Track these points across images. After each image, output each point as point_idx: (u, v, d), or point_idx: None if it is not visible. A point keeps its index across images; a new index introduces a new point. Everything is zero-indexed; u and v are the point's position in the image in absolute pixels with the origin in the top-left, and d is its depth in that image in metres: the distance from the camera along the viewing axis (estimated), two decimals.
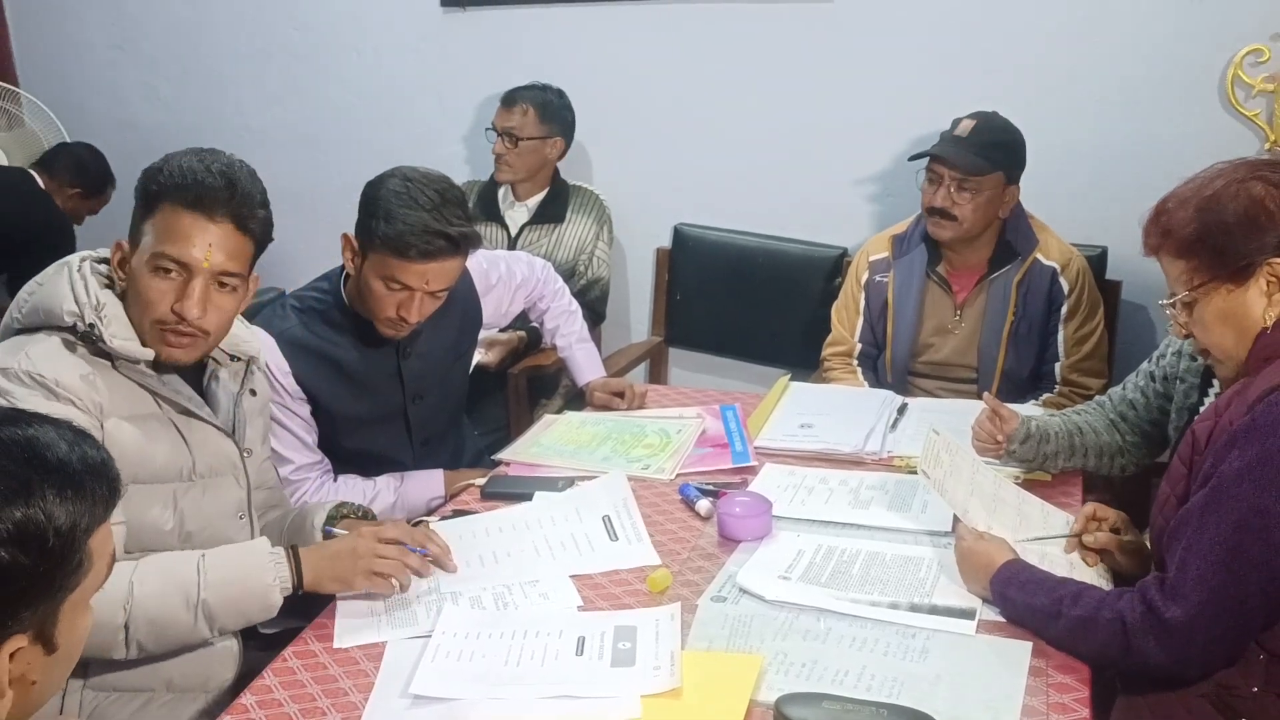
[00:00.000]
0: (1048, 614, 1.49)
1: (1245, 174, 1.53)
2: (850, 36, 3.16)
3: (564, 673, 1.45)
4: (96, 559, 0.97)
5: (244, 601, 1.57)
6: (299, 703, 1.43)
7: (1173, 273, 1.59)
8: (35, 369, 1.53)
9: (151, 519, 1.63)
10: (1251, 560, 1.36)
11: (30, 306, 1.62)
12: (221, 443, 1.71)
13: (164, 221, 1.59)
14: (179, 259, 1.58)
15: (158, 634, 1.54)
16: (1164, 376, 1.95)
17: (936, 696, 1.38)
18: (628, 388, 2.49)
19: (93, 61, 3.97)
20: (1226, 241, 1.51)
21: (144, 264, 1.59)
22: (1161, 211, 1.59)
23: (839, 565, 1.72)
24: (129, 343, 1.59)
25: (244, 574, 1.57)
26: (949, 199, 2.59)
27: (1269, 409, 1.39)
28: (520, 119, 3.20)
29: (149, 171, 1.62)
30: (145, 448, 1.61)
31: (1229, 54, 2.83)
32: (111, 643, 1.52)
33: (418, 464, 2.24)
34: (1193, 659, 1.41)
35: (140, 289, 1.60)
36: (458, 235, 1.96)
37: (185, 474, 1.66)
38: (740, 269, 3.35)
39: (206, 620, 1.55)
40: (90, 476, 0.95)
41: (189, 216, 1.58)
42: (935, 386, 2.73)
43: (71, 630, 0.98)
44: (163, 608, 1.53)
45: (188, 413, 1.66)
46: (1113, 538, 1.70)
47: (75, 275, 1.61)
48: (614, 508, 1.93)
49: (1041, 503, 1.88)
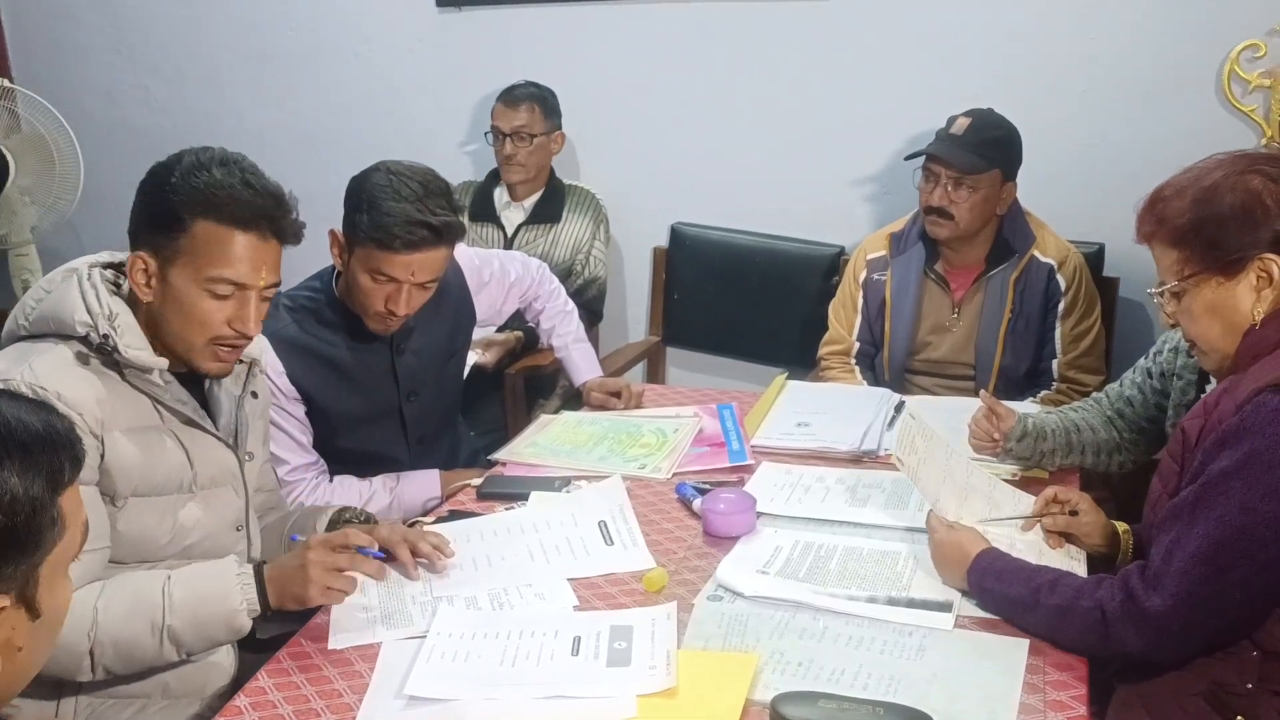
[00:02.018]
0: (1025, 604, 1.50)
1: (1244, 167, 1.52)
2: (846, 34, 3.16)
3: (560, 673, 1.45)
4: (70, 522, 0.99)
5: (210, 626, 1.54)
6: (293, 704, 1.43)
7: (1164, 261, 1.58)
8: (39, 382, 1.51)
9: (149, 531, 1.62)
10: (1236, 556, 1.37)
11: (38, 314, 1.59)
12: (222, 454, 1.70)
13: (210, 241, 1.56)
14: (237, 281, 1.58)
15: (124, 658, 1.52)
16: (1161, 373, 1.94)
17: (933, 695, 1.38)
18: (625, 387, 2.49)
19: (89, 64, 3.96)
20: (1220, 234, 1.50)
21: (190, 283, 1.57)
22: (1157, 199, 1.58)
23: (817, 560, 1.72)
24: (142, 353, 1.58)
25: (211, 598, 1.53)
26: (946, 198, 2.59)
27: (1258, 408, 1.39)
28: (528, 116, 3.20)
29: (169, 184, 1.57)
30: (147, 461, 1.60)
31: (1225, 49, 2.83)
32: (76, 667, 1.50)
33: (413, 462, 2.24)
34: (1168, 648, 1.43)
35: (189, 308, 1.58)
36: (440, 225, 1.96)
37: (185, 486, 1.65)
38: (737, 268, 3.35)
39: (173, 644, 1.52)
40: (53, 438, 0.98)
41: (242, 237, 1.57)
42: (933, 384, 2.73)
43: (52, 597, 1.00)
44: (128, 633, 1.51)
45: (191, 423, 1.65)
46: (1071, 519, 1.71)
47: (85, 284, 1.58)
48: (610, 513, 1.92)
49: (1012, 489, 1.89)
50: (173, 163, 1.60)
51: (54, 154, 3.58)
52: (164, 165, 1.61)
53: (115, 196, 3.82)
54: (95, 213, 3.86)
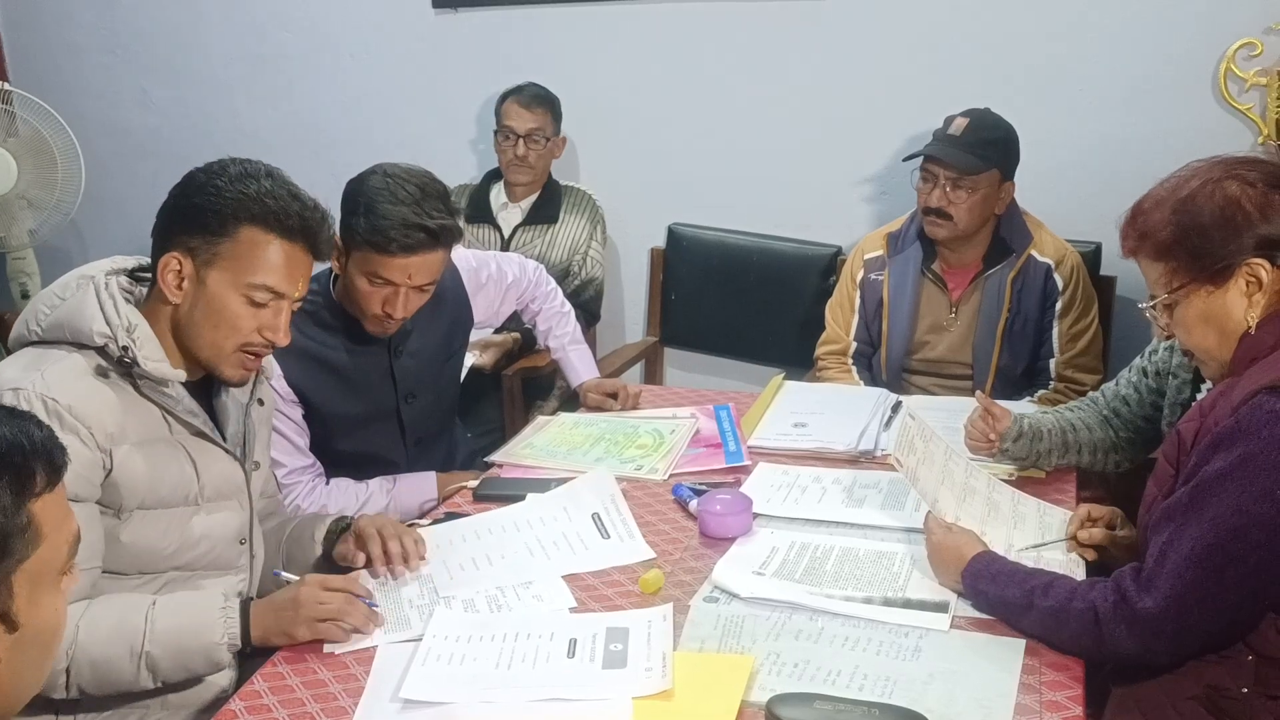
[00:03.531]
0: (1020, 606, 1.50)
1: (1221, 173, 1.50)
2: (842, 35, 3.16)
3: (555, 675, 1.45)
4: (49, 531, 0.97)
5: (189, 656, 1.52)
6: (288, 708, 1.43)
7: (1151, 275, 1.57)
8: (50, 392, 1.50)
9: (153, 543, 1.61)
10: (1229, 558, 1.37)
11: (52, 321, 1.57)
12: (230, 468, 1.69)
13: (255, 246, 1.56)
14: (277, 289, 1.59)
15: (99, 680, 1.51)
16: (1156, 372, 1.94)
17: (929, 696, 1.38)
18: (622, 388, 2.49)
19: (85, 66, 3.96)
20: (1203, 244, 1.49)
21: (229, 287, 1.57)
22: (1138, 213, 1.57)
23: (813, 561, 1.72)
24: (161, 365, 1.57)
25: (192, 629, 1.52)
26: (945, 198, 2.58)
27: (1253, 411, 1.38)
28: (542, 119, 3.20)
29: (214, 187, 1.57)
30: (154, 474, 1.59)
31: (1222, 48, 2.83)
32: (51, 684, 1.48)
33: (411, 464, 2.24)
34: (1161, 650, 1.42)
35: (222, 312, 1.58)
36: (436, 228, 1.96)
37: (191, 499, 1.64)
38: (734, 268, 3.35)
39: (150, 671, 1.51)
40: (22, 444, 0.96)
41: (286, 246, 1.58)
42: (930, 384, 2.73)
43: (34, 609, 0.97)
44: (106, 655, 1.49)
45: (200, 435, 1.65)
46: (1108, 534, 1.70)
47: (104, 294, 1.57)
48: (603, 505, 1.92)
49: (1013, 491, 1.89)
50: (217, 169, 1.60)
51: (55, 156, 3.58)
52: (206, 170, 1.61)
53: (115, 197, 3.87)
54: (95, 214, 3.87)
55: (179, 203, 1.60)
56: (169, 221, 1.60)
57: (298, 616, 1.54)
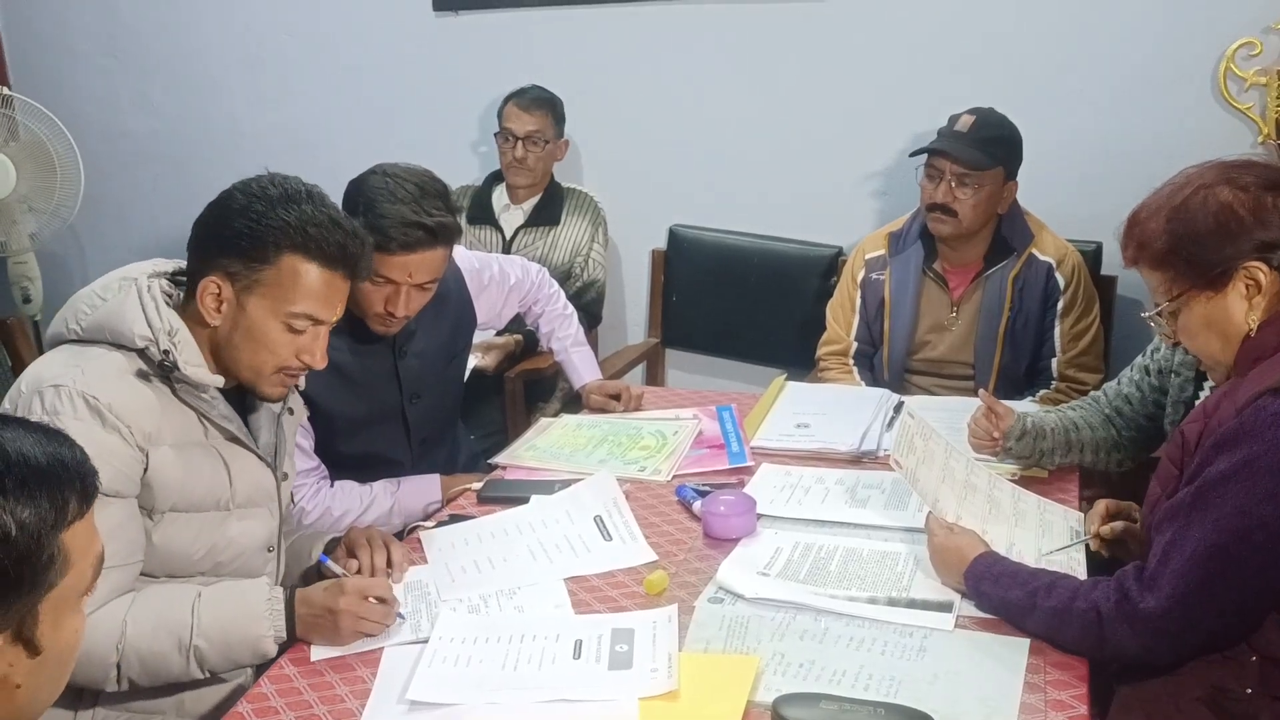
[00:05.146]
0: (1022, 607, 1.50)
1: (1213, 179, 1.51)
2: (842, 36, 3.16)
3: (561, 676, 1.45)
4: (76, 558, 0.96)
5: (236, 649, 1.54)
6: (295, 710, 1.43)
7: (1152, 283, 1.58)
8: (90, 390, 1.50)
9: (183, 547, 1.62)
10: (1232, 560, 1.37)
11: (93, 322, 1.57)
12: (262, 474, 1.70)
13: (296, 275, 1.56)
14: (319, 318, 1.60)
15: (150, 673, 1.53)
16: (1158, 370, 1.95)
17: (934, 695, 1.38)
18: (624, 390, 2.49)
19: (85, 69, 3.96)
20: (1200, 251, 1.49)
21: (269, 315, 1.57)
22: (1134, 223, 1.58)
23: (817, 561, 1.73)
24: (200, 370, 1.57)
25: (238, 621, 1.54)
26: (950, 194, 2.59)
27: (1257, 413, 1.39)
28: (541, 122, 3.20)
29: (254, 212, 1.55)
30: (188, 477, 1.59)
31: (1221, 47, 2.83)
32: (103, 678, 1.51)
33: (415, 465, 2.24)
34: (1164, 650, 1.43)
35: (261, 338, 1.58)
36: (435, 225, 1.97)
37: (223, 504, 1.65)
38: (736, 269, 3.35)
39: (198, 663, 1.53)
40: (57, 472, 0.95)
41: (327, 275, 1.59)
42: (932, 384, 2.73)
43: (56, 633, 0.96)
44: (155, 649, 1.51)
45: (235, 440, 1.65)
46: (1130, 525, 1.70)
47: (146, 296, 1.57)
48: (604, 508, 1.93)
49: (1014, 488, 1.89)
50: (256, 190, 1.58)
51: (54, 161, 3.58)
52: (245, 191, 1.59)
53: (114, 201, 3.87)
54: (95, 218, 3.87)
55: (217, 223, 1.58)
56: (206, 241, 1.59)
57: (338, 627, 1.55)
